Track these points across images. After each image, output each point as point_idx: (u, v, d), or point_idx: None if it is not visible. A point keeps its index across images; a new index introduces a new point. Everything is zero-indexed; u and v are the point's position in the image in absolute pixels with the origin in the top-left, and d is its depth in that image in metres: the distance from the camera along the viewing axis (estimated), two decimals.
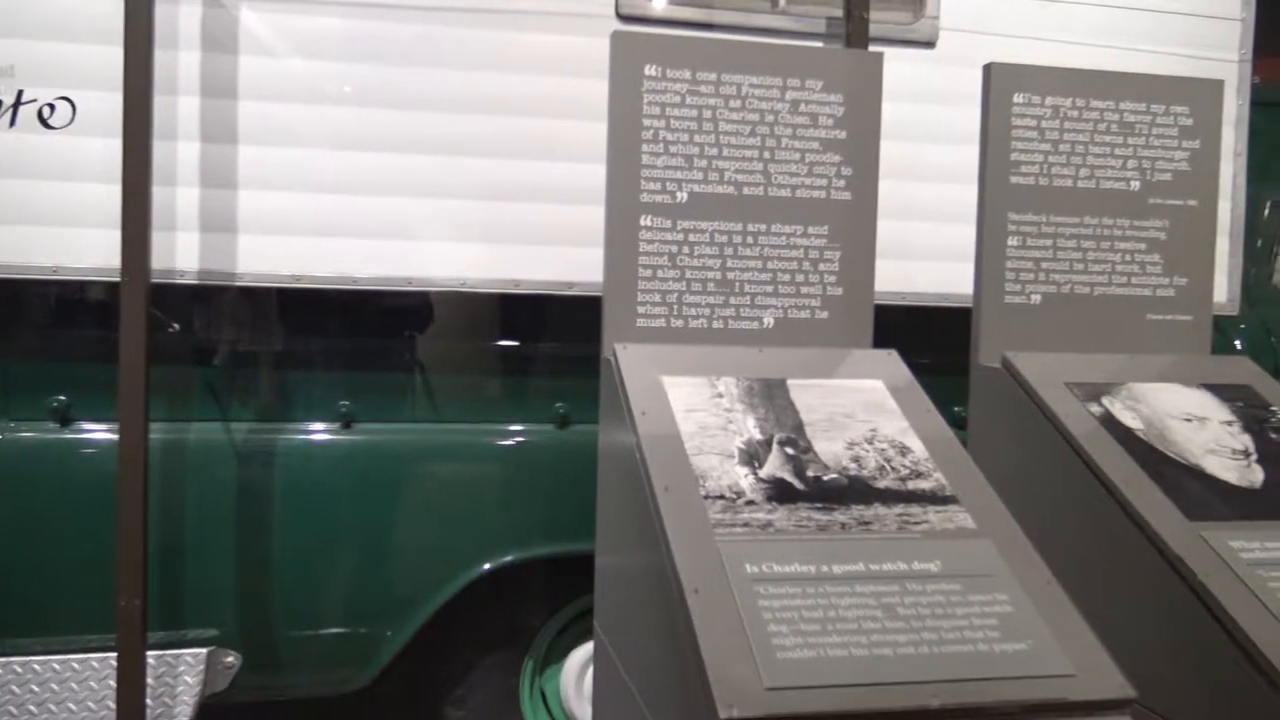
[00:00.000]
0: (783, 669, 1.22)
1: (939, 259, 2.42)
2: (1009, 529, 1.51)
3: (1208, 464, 1.71)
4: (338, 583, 2.32)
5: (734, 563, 1.36)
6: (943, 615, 1.33)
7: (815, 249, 1.90)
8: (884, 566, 1.39)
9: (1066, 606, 1.38)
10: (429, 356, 2.44)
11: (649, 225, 1.82)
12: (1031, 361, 1.89)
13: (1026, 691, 1.24)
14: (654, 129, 1.82)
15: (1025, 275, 1.98)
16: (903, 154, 2.34)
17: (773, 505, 1.48)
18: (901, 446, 1.64)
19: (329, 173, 2.20)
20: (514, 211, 2.29)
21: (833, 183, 1.91)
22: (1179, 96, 2.03)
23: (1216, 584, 1.46)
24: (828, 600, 1.33)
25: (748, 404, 1.68)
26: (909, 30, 2.45)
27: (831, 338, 1.90)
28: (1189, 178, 2.04)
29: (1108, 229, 2.00)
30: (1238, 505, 1.63)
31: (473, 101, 2.25)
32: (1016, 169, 1.97)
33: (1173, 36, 2.57)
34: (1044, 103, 1.98)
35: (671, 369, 1.73)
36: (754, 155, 1.87)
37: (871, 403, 1.73)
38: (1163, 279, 2.03)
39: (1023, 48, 2.44)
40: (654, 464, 1.52)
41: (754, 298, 1.87)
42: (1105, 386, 1.86)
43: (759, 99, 1.87)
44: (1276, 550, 1.54)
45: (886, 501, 1.52)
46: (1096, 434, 1.73)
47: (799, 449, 1.59)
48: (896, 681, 1.23)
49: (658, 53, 1.82)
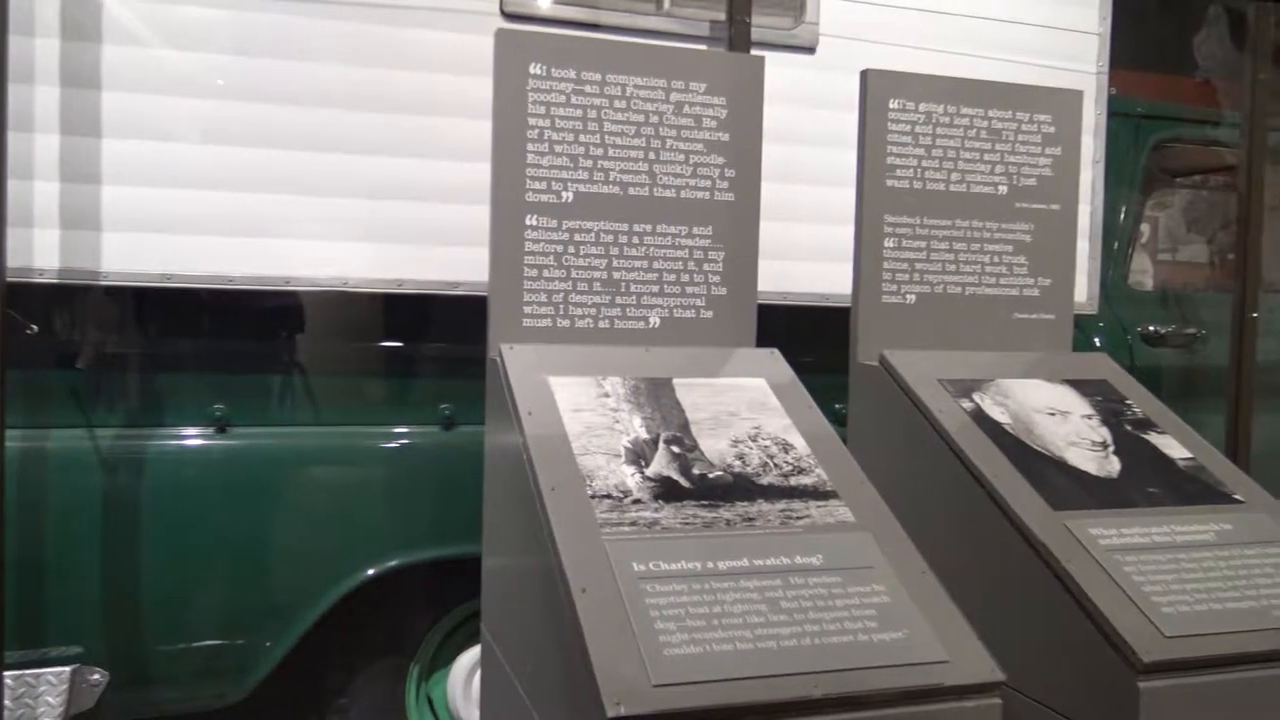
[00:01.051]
0: (669, 665, 1.23)
1: (819, 260, 2.47)
2: (887, 522, 1.56)
3: (1070, 456, 1.79)
4: (212, 594, 2.24)
5: (621, 561, 1.37)
6: (824, 607, 1.36)
7: (700, 249, 1.92)
8: (767, 561, 1.42)
9: (940, 596, 1.43)
10: (309, 358, 2.37)
11: (534, 225, 1.81)
12: (907, 359, 1.96)
13: (903, 679, 1.29)
14: (539, 128, 1.81)
15: (901, 276, 2.05)
16: (785, 156, 2.38)
17: (659, 504, 1.49)
18: (784, 443, 1.67)
19: (201, 168, 2.12)
20: (397, 210, 2.25)
21: (716, 184, 1.93)
22: (1042, 106, 2.13)
23: (1078, 570, 1.53)
24: (713, 596, 1.34)
25: (634, 403, 1.69)
26: (790, 35, 2.51)
27: (716, 337, 1.93)
28: (1052, 183, 2.14)
29: (977, 231, 2.09)
30: (1097, 494, 1.71)
31: (353, 97, 2.20)
32: (892, 172, 2.03)
33: (1037, 48, 2.69)
34: (918, 109, 2.05)
35: (558, 369, 1.73)
36: (639, 156, 1.88)
37: (755, 401, 1.76)
38: (1028, 280, 2.13)
39: (899, 55, 2.52)
40: (540, 464, 1.52)
41: (640, 298, 1.89)
42: (976, 383, 1.93)
43: (644, 100, 1.89)
44: (1132, 536, 1.63)
45: (770, 498, 1.55)
46: (968, 429, 1.80)
47: (685, 447, 1.61)
48: (780, 674, 1.25)
49: (543, 51, 1.82)
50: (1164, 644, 1.44)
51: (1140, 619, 1.47)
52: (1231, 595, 1.55)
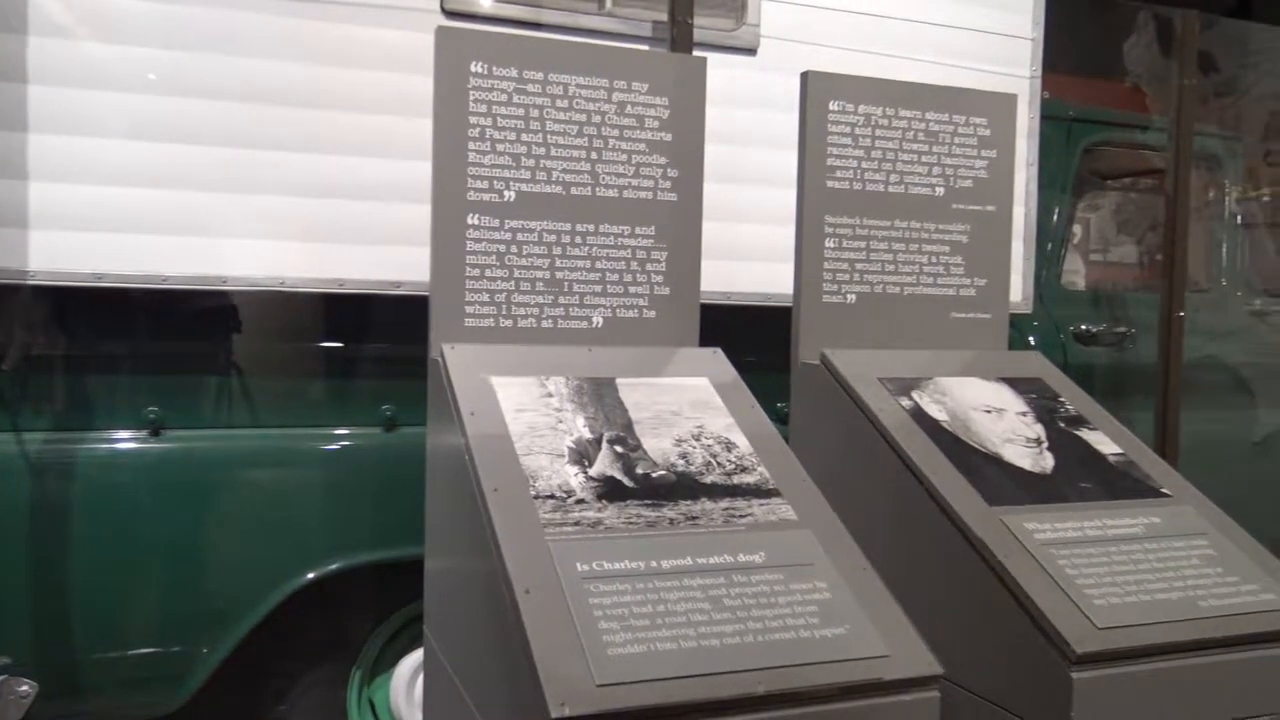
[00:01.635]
0: (613, 665, 1.23)
1: (761, 260, 2.50)
2: (828, 519, 1.57)
3: (1005, 452, 1.83)
4: (146, 601, 2.19)
5: (565, 562, 1.37)
6: (766, 605, 1.37)
7: (643, 249, 1.93)
8: (711, 560, 1.42)
9: (880, 591, 1.45)
10: (246, 359, 2.33)
11: (476, 224, 1.80)
12: (848, 358, 1.98)
13: (844, 674, 1.30)
14: (480, 127, 1.80)
15: (841, 276, 2.07)
16: (727, 157, 2.40)
17: (603, 503, 1.49)
18: (727, 442, 1.68)
19: (134, 165, 2.07)
20: (337, 209, 2.22)
21: (659, 184, 1.94)
22: (978, 109, 2.17)
23: (1014, 564, 1.57)
24: (657, 595, 1.35)
25: (577, 403, 1.69)
26: (731, 37, 2.52)
27: (659, 337, 1.93)
28: (987, 185, 2.18)
29: (915, 232, 2.12)
30: (1032, 490, 1.75)
31: (292, 94, 2.16)
32: (832, 173, 2.06)
33: (972, 53, 2.74)
34: (857, 111, 2.07)
35: (500, 369, 1.72)
36: (582, 155, 1.88)
37: (698, 400, 1.77)
38: (965, 280, 2.17)
39: (838, 58, 2.55)
40: (483, 465, 1.51)
41: (583, 297, 1.88)
42: (914, 381, 1.96)
43: (586, 99, 1.88)
44: (1065, 530, 1.66)
45: (713, 496, 1.56)
46: (907, 426, 1.83)
47: (628, 447, 1.61)
48: (723, 671, 1.26)
49: (484, 50, 1.81)
50: (1096, 635, 1.47)
51: (1073, 611, 1.50)
52: (1160, 587, 1.60)
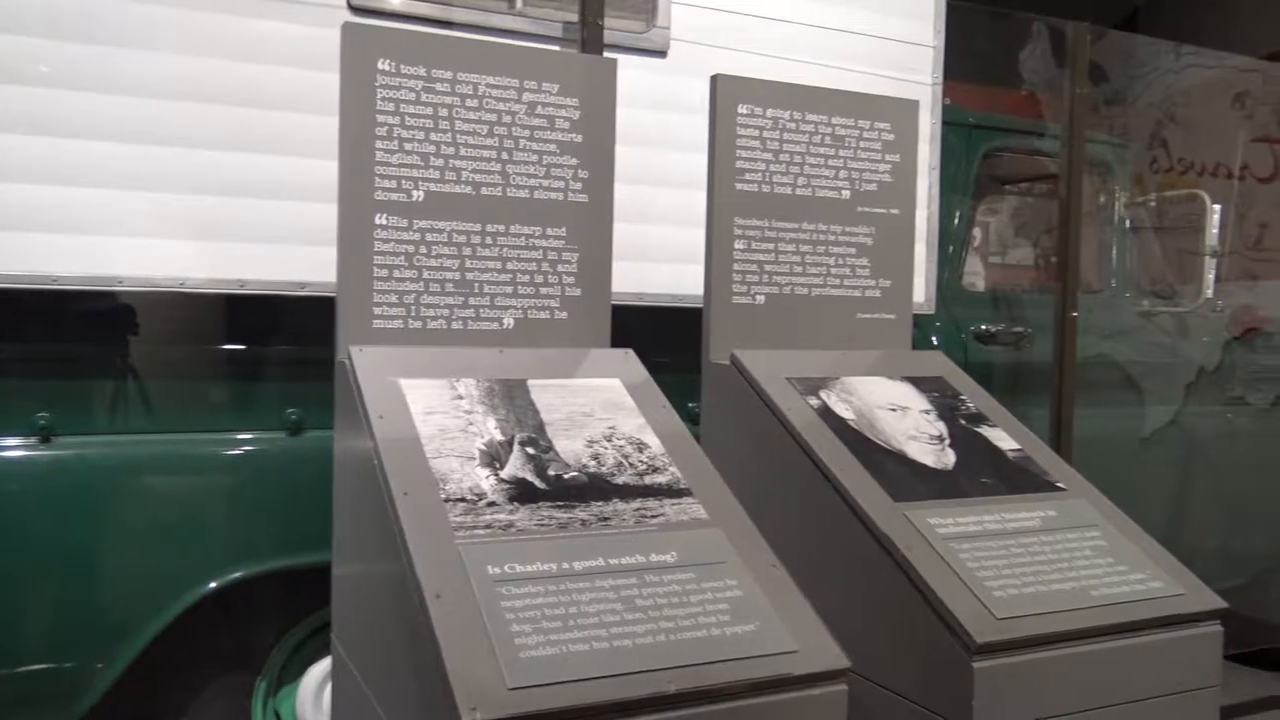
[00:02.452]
0: (525, 668, 1.22)
1: (672, 261, 2.51)
2: (738, 517, 1.59)
3: (909, 449, 1.88)
4: (39, 615, 2.10)
5: (476, 565, 1.36)
6: (678, 604, 1.38)
7: (554, 250, 1.92)
8: (623, 560, 1.43)
9: (789, 588, 1.47)
10: (143, 362, 2.25)
11: (384, 224, 1.78)
12: (757, 358, 2.01)
13: (754, 670, 1.32)
14: (388, 125, 1.78)
15: (751, 277, 2.10)
16: (638, 159, 2.41)
17: (514, 506, 1.48)
18: (639, 443, 1.69)
19: (23, 161, 1.98)
20: (239, 208, 2.16)
21: (570, 185, 1.94)
22: (882, 114, 2.22)
23: (917, 558, 1.61)
24: (569, 597, 1.35)
25: (488, 405, 1.68)
26: (642, 39, 2.53)
27: (571, 338, 1.93)
28: (891, 188, 2.23)
29: (822, 234, 2.16)
30: (934, 485, 1.80)
31: (193, 89, 2.10)
32: (741, 176, 2.08)
33: (876, 59, 2.80)
34: (766, 114, 2.11)
35: (409, 371, 1.70)
36: (492, 156, 1.87)
37: (610, 401, 1.77)
38: (870, 281, 2.22)
39: (747, 61, 2.58)
40: (392, 469, 1.49)
41: (493, 298, 1.87)
42: (822, 380, 2.00)
43: (496, 99, 1.87)
44: (966, 525, 1.71)
45: (625, 497, 1.56)
46: (815, 425, 1.87)
47: (540, 449, 1.61)
48: (635, 671, 1.26)
49: (392, 47, 1.78)
50: (995, 625, 1.52)
51: (974, 602, 1.55)
52: (1055, 577, 1.66)
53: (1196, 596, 1.71)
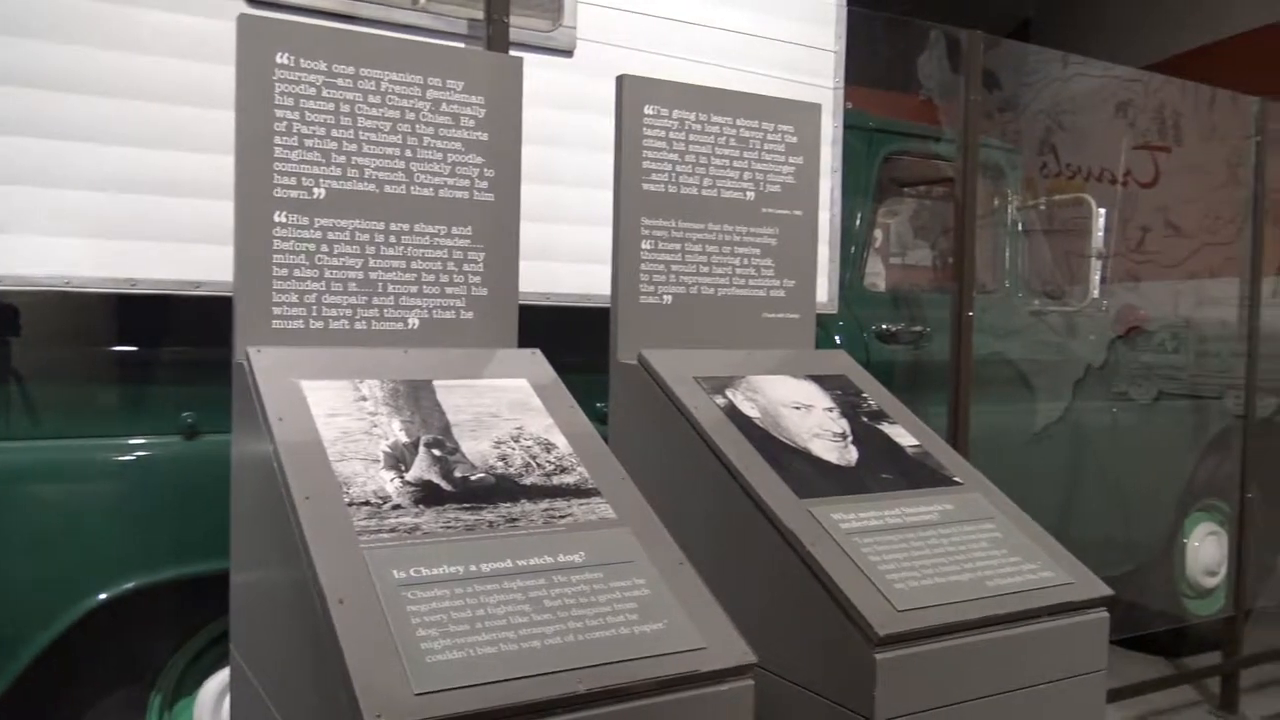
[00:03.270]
0: (432, 672, 1.21)
1: (579, 261, 2.51)
2: (646, 517, 1.60)
3: (813, 446, 1.91)
4: None
5: (380, 569, 1.33)
6: (587, 604, 1.38)
7: (460, 249, 1.90)
8: (531, 561, 1.42)
9: (697, 585, 1.49)
10: (27, 365, 2.15)
11: (283, 222, 1.73)
12: (664, 358, 2.02)
13: (663, 668, 1.33)
14: (287, 121, 1.74)
15: (658, 277, 2.11)
16: (544, 158, 2.40)
17: (420, 508, 1.46)
18: (546, 443, 1.68)
19: None
20: (129, 204, 2.08)
21: (476, 183, 1.92)
22: (785, 117, 2.26)
23: (821, 553, 1.64)
24: (477, 600, 1.33)
25: (393, 406, 1.65)
26: (548, 38, 2.52)
27: (477, 338, 1.91)
28: (795, 190, 2.27)
29: (728, 235, 2.18)
30: (838, 482, 1.84)
31: (79, 81, 2.01)
32: (648, 176, 2.09)
33: (780, 63, 2.84)
34: (672, 115, 2.12)
35: (311, 373, 1.66)
36: (395, 153, 1.84)
37: (517, 401, 1.76)
38: (774, 281, 2.25)
39: (653, 62, 2.59)
40: (293, 473, 1.45)
41: (398, 298, 1.84)
42: (728, 380, 2.02)
43: (399, 96, 1.84)
44: (868, 520, 1.75)
45: (533, 497, 1.55)
46: (721, 424, 1.89)
47: (446, 450, 1.59)
48: (544, 672, 1.26)
49: (290, 41, 1.74)
50: (897, 617, 1.56)
51: (876, 595, 1.59)
52: (953, 569, 1.71)
53: (1085, 585, 1.78)
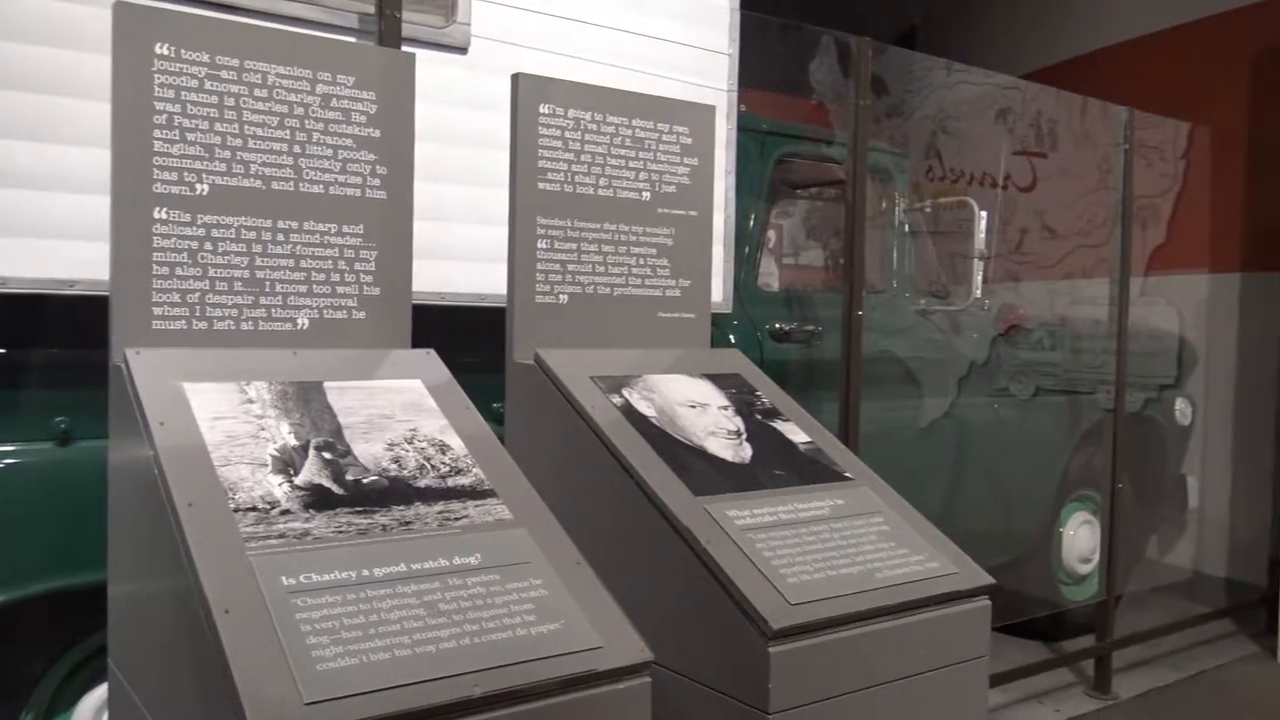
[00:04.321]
0: (323, 681, 1.18)
1: (475, 260, 2.49)
2: (543, 517, 1.59)
3: (709, 445, 1.94)
4: None
5: (268, 577, 1.30)
6: (483, 606, 1.37)
7: (351, 248, 1.87)
8: (426, 564, 1.40)
9: (594, 585, 1.49)
10: None
11: (164, 219, 1.67)
12: (561, 358, 2.02)
13: (560, 668, 1.33)
14: (167, 114, 1.67)
15: (554, 276, 2.10)
16: (439, 156, 2.37)
17: (310, 513, 1.43)
18: (441, 445, 1.66)
19: None
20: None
21: (367, 181, 1.88)
22: (680, 118, 2.28)
23: (717, 550, 1.66)
24: (369, 605, 1.31)
25: (282, 409, 1.61)
26: (442, 34, 2.49)
27: (369, 338, 1.88)
28: (690, 191, 2.29)
29: (624, 235, 2.19)
30: (733, 479, 1.86)
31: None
32: (544, 175, 2.08)
33: (674, 65, 2.87)
34: (567, 115, 2.11)
35: (194, 375, 1.60)
36: (283, 149, 1.79)
37: (411, 403, 1.74)
38: (670, 281, 2.27)
39: (549, 62, 2.59)
40: (175, 479, 1.40)
41: (286, 298, 1.80)
42: (625, 379, 2.03)
43: (287, 90, 1.80)
44: (762, 516, 1.78)
45: (427, 500, 1.53)
46: (618, 423, 1.89)
47: (337, 453, 1.55)
48: (440, 676, 1.25)
49: (170, 30, 1.68)
50: (790, 611, 1.59)
51: (770, 590, 1.62)
52: (844, 562, 1.75)
53: (968, 575, 1.85)
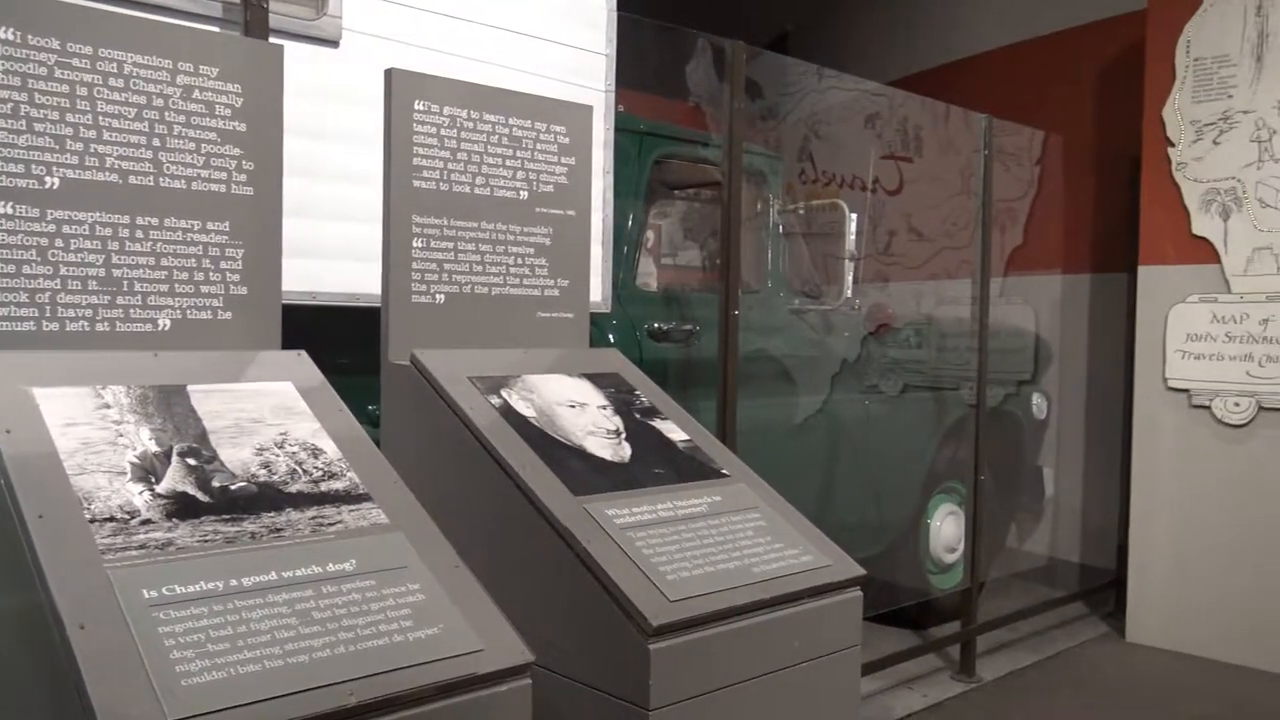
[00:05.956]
0: (188, 697, 1.14)
1: (349, 259, 2.43)
2: (420, 520, 1.57)
3: (588, 444, 1.94)
4: None
5: (128, 590, 1.24)
6: (358, 613, 1.34)
7: (216, 246, 1.80)
8: (298, 572, 1.36)
9: (474, 588, 1.48)
10: None
11: (9, 214, 1.58)
12: (438, 358, 1.99)
13: (439, 673, 1.31)
14: (13, 103, 1.58)
15: (430, 276, 2.07)
16: (310, 151, 2.31)
17: (173, 522, 1.37)
18: (314, 449, 1.62)
19: None
20: None
21: (233, 176, 1.82)
22: (557, 117, 2.27)
23: (596, 549, 1.66)
24: (238, 616, 1.27)
25: (142, 414, 1.54)
26: (312, 27, 2.42)
27: (237, 339, 1.81)
28: (568, 190, 2.29)
29: (502, 234, 2.18)
30: (612, 478, 1.87)
31: None
32: (419, 173, 2.05)
33: (552, 64, 2.86)
34: (443, 112, 2.09)
35: (44, 379, 1.52)
36: (142, 142, 1.72)
37: (281, 406, 1.68)
38: (549, 280, 2.26)
39: (424, 58, 2.54)
40: (23, 489, 1.32)
41: (146, 297, 1.72)
42: (503, 379, 2.02)
43: (146, 80, 1.72)
44: (642, 514, 1.80)
45: (299, 506, 1.49)
46: (496, 424, 1.88)
47: (202, 459, 1.50)
48: (313, 687, 1.21)
49: (16, 15, 1.58)
50: (669, 608, 1.61)
51: (649, 588, 1.63)
52: (722, 558, 1.78)
53: (841, 567, 1.90)
